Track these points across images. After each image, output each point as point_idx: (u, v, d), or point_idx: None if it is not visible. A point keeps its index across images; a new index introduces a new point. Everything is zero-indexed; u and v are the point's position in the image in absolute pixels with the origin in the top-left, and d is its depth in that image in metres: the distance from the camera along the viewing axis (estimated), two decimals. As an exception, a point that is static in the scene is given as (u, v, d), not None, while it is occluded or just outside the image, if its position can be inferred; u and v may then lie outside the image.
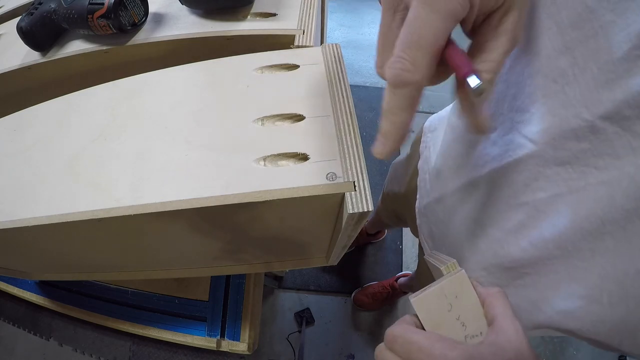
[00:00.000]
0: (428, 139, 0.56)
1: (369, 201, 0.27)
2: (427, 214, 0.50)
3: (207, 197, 0.28)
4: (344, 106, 0.32)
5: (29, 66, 0.45)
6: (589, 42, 0.20)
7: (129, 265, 0.54)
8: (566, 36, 0.22)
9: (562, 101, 0.22)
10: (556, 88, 0.23)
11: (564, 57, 0.22)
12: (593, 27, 0.20)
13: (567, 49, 0.22)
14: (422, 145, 0.58)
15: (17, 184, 0.33)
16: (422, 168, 0.54)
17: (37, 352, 1.11)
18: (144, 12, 0.44)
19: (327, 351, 1.18)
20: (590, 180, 0.22)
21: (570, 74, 0.21)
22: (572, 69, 0.21)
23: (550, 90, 0.23)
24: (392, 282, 1.20)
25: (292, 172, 0.29)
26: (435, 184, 0.46)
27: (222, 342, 0.73)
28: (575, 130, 0.22)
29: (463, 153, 0.37)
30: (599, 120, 0.20)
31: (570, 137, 0.22)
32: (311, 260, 0.52)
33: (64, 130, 0.35)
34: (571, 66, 0.21)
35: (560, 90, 0.22)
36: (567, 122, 0.22)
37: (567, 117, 0.22)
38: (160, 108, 0.34)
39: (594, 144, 0.21)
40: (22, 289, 0.88)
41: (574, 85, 0.21)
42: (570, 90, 0.22)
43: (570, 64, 0.21)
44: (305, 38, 0.40)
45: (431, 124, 0.57)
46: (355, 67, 1.76)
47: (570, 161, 0.23)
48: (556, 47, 0.22)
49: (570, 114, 0.22)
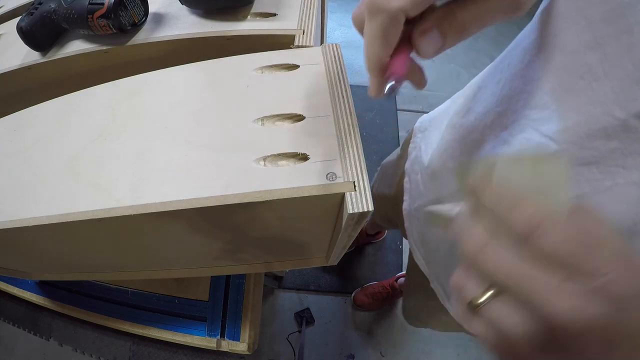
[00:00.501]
0: (418, 139, 0.54)
1: (369, 201, 0.27)
2: (420, 216, 0.49)
3: (207, 197, 0.28)
4: (344, 106, 0.32)
5: (29, 66, 0.45)
6: (622, 38, 0.19)
7: (129, 265, 0.54)
8: (597, 32, 0.21)
9: (590, 98, 0.21)
10: (582, 84, 0.22)
11: (592, 52, 0.21)
12: (628, 23, 0.19)
13: (598, 44, 0.21)
14: (411, 145, 0.56)
15: (17, 184, 0.33)
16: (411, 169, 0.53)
17: (37, 352, 1.11)
18: (144, 12, 0.44)
19: (327, 351, 1.18)
20: (618, 180, 0.21)
21: (600, 70, 0.21)
22: (602, 65, 0.20)
23: (576, 87, 0.22)
24: (392, 282, 1.20)
25: (292, 172, 0.29)
26: (431, 185, 0.44)
27: (222, 342, 0.73)
28: (605, 129, 0.21)
29: (466, 153, 0.36)
30: (632, 119, 0.19)
31: (600, 135, 0.21)
32: (311, 260, 0.52)
33: (64, 130, 0.35)
34: (601, 62, 0.21)
35: (587, 87, 0.21)
36: (596, 120, 0.21)
37: (596, 115, 0.21)
38: (160, 108, 0.34)
39: (625, 142, 0.20)
40: (22, 289, 0.88)
41: (604, 81, 0.20)
42: (599, 87, 0.21)
43: (600, 59, 0.21)
44: (305, 38, 0.40)
45: (422, 124, 0.56)
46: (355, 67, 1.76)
47: (597, 161, 0.22)
48: (584, 43, 0.21)
49: (600, 112, 0.21)
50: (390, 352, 1.18)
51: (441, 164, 0.41)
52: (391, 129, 1.57)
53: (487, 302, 0.19)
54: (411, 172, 0.53)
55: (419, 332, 1.20)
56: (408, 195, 0.54)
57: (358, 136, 0.30)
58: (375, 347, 1.19)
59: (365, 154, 0.29)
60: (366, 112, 1.61)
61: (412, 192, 0.51)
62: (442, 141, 0.43)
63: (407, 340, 1.20)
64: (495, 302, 0.18)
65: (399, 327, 1.21)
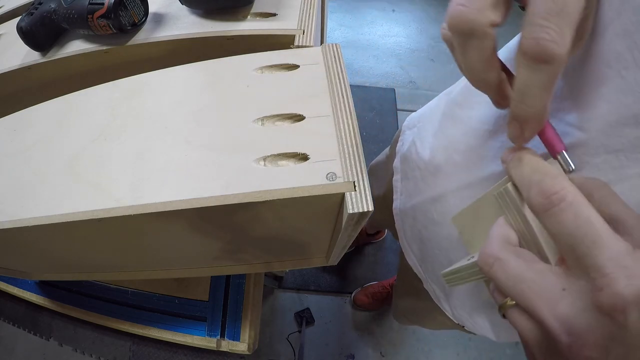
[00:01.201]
0: (407, 136, 0.54)
1: (369, 201, 0.27)
2: (416, 215, 0.48)
3: (207, 197, 0.28)
4: (344, 106, 0.32)
5: (29, 66, 0.45)
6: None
7: (129, 265, 0.54)
8: (626, 19, 0.21)
9: (619, 86, 0.21)
10: (611, 73, 0.22)
11: (621, 40, 0.21)
12: None
13: (626, 32, 0.21)
14: (399, 144, 0.56)
15: (17, 184, 0.33)
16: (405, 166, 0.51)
17: (37, 352, 1.11)
18: (144, 12, 0.44)
19: (327, 351, 1.18)
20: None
21: (630, 57, 0.20)
22: (632, 52, 0.20)
23: (603, 75, 0.22)
24: (392, 282, 1.20)
25: (292, 172, 0.29)
26: (432, 181, 0.43)
27: (222, 342, 0.73)
28: (636, 116, 0.21)
29: (476, 146, 0.35)
30: None
31: (630, 123, 0.21)
32: (311, 260, 0.52)
33: (64, 130, 0.35)
34: (630, 50, 0.20)
35: (617, 75, 0.21)
36: (627, 108, 0.21)
37: (627, 103, 0.21)
38: (160, 108, 0.34)
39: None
40: (22, 289, 0.89)
41: (634, 69, 0.20)
42: (629, 75, 0.21)
43: (629, 47, 0.20)
44: (305, 38, 0.40)
45: (410, 121, 0.55)
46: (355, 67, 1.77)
47: (624, 148, 0.22)
48: (612, 30, 0.21)
49: (631, 100, 0.21)
50: (390, 352, 1.18)
51: (446, 158, 0.40)
52: (391, 129, 1.57)
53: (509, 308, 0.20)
54: (406, 169, 0.51)
55: (419, 332, 1.20)
56: (400, 193, 0.53)
57: (358, 136, 0.30)
58: (375, 347, 1.19)
59: (365, 154, 0.29)
60: (366, 112, 1.61)
61: (408, 189, 0.50)
62: (442, 134, 0.42)
63: (407, 340, 1.20)
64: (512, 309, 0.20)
65: (399, 327, 1.21)
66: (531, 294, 0.19)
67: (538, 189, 0.19)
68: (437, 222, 0.43)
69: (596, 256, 0.17)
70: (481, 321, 0.44)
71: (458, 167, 0.38)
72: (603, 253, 0.17)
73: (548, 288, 0.18)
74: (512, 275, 0.19)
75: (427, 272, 0.50)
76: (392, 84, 1.72)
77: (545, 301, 0.18)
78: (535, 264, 0.20)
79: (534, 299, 0.18)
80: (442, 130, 0.42)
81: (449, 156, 0.39)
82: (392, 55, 1.83)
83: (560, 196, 0.18)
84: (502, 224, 0.23)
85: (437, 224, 0.43)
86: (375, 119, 1.60)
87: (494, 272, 0.20)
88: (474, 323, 0.46)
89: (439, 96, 0.49)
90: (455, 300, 0.46)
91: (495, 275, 0.20)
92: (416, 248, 0.50)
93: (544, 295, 0.18)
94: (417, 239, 0.49)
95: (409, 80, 1.75)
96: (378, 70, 1.77)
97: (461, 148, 0.37)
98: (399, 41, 1.88)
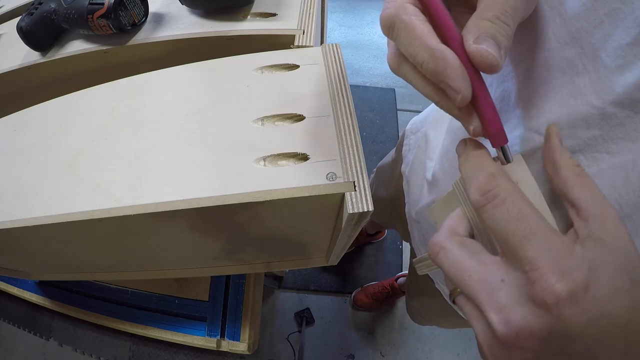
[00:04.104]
0: (411, 141, 0.55)
1: (369, 201, 0.27)
2: (420, 220, 0.49)
3: (207, 197, 0.28)
4: (344, 106, 0.32)
5: (29, 66, 0.45)
6: (595, 31, 0.20)
7: (128, 265, 0.54)
8: (571, 27, 0.22)
9: (571, 91, 0.22)
10: (564, 79, 0.22)
11: (570, 48, 0.22)
12: (598, 16, 0.20)
13: (573, 39, 0.21)
14: (404, 148, 0.57)
15: (17, 184, 0.33)
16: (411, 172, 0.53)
17: (37, 352, 1.11)
18: (144, 12, 0.44)
19: (327, 351, 1.18)
20: (602, 165, 0.22)
21: (580, 64, 0.21)
22: (581, 59, 0.21)
23: (558, 82, 0.23)
24: (392, 282, 1.20)
25: (292, 172, 0.29)
26: (431, 188, 0.45)
27: (222, 342, 0.73)
28: (585, 118, 0.21)
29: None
30: (609, 106, 0.20)
31: (580, 125, 0.22)
32: (311, 260, 0.52)
33: (64, 130, 0.35)
34: (579, 56, 0.21)
35: (569, 81, 0.22)
36: (576, 110, 0.22)
37: (576, 106, 0.22)
38: (160, 108, 0.34)
39: (605, 129, 0.21)
40: (22, 289, 0.88)
41: (584, 75, 0.21)
42: (580, 80, 0.21)
43: (578, 54, 0.21)
44: (305, 38, 0.40)
45: (413, 125, 0.56)
46: (355, 67, 1.76)
47: (582, 149, 0.22)
48: (561, 39, 0.22)
49: (579, 103, 0.22)
50: (390, 352, 1.18)
51: (440, 166, 0.42)
52: (391, 129, 1.57)
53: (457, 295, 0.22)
54: (411, 176, 0.53)
55: (418, 332, 1.20)
56: (408, 198, 0.54)
57: (358, 136, 0.30)
58: (375, 347, 1.19)
59: (365, 154, 0.29)
60: (366, 112, 1.61)
61: (413, 195, 0.51)
62: (438, 142, 0.43)
63: (407, 340, 1.20)
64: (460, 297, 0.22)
65: (399, 327, 1.21)
66: (472, 282, 0.19)
67: (476, 186, 0.20)
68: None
69: (526, 250, 0.17)
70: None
71: (447, 174, 0.39)
72: (534, 248, 0.17)
73: (488, 278, 0.19)
74: (454, 263, 0.21)
75: (436, 274, 0.50)
76: (392, 84, 1.72)
77: (485, 291, 0.19)
78: (480, 255, 0.20)
79: (474, 287, 0.19)
80: (437, 139, 0.43)
81: (442, 165, 0.41)
82: (392, 55, 1.83)
83: (493, 193, 0.19)
84: (455, 215, 0.24)
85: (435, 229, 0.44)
86: (375, 119, 1.60)
87: (439, 259, 0.22)
88: None
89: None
90: None
91: (439, 262, 0.22)
92: (424, 251, 0.51)
93: (483, 285, 0.19)
94: (423, 243, 0.50)
95: (409, 80, 1.75)
96: (378, 70, 1.77)
97: (450, 156, 0.39)
98: (399, 41, 1.88)
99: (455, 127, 0.39)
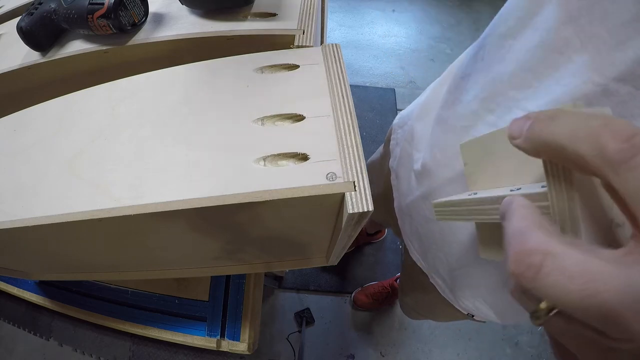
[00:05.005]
0: (398, 135, 0.55)
1: (369, 201, 0.27)
2: (411, 213, 0.49)
3: (207, 197, 0.28)
4: (344, 106, 0.32)
5: (29, 66, 0.45)
6: (594, 9, 0.20)
7: (129, 265, 0.54)
8: (570, 6, 0.22)
9: (570, 70, 0.22)
10: (562, 59, 0.22)
11: (568, 27, 0.22)
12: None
13: (571, 18, 0.21)
14: (392, 142, 0.57)
15: (17, 184, 0.33)
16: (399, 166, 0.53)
17: (37, 352, 1.11)
18: (144, 12, 0.44)
19: (327, 351, 1.18)
20: None
21: (577, 42, 0.21)
22: (579, 37, 0.21)
23: (556, 62, 0.23)
24: (391, 282, 1.20)
25: (292, 172, 0.29)
26: (421, 179, 0.45)
27: (222, 342, 0.73)
28: (587, 96, 0.21)
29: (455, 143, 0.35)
30: (612, 82, 0.20)
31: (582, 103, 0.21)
32: (311, 260, 0.52)
33: (64, 130, 0.35)
34: (577, 34, 0.21)
35: (568, 60, 0.22)
36: (578, 89, 0.22)
37: (577, 85, 0.22)
38: (160, 108, 0.34)
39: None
40: (22, 289, 0.88)
41: (582, 53, 0.21)
42: (579, 58, 0.21)
43: (576, 32, 0.21)
44: (305, 38, 0.40)
45: (400, 120, 0.56)
46: (355, 67, 1.76)
47: None
48: (559, 19, 0.22)
49: (580, 81, 0.21)
50: (390, 352, 1.18)
51: (431, 156, 0.41)
52: (391, 129, 1.57)
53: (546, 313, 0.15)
54: (398, 169, 0.53)
55: (418, 332, 1.20)
56: (397, 192, 0.54)
57: (358, 136, 0.30)
58: (375, 347, 1.19)
59: (365, 154, 0.29)
60: (366, 112, 1.61)
61: (403, 188, 0.51)
62: (432, 136, 0.43)
63: (407, 340, 1.20)
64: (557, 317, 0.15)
65: (399, 327, 1.21)
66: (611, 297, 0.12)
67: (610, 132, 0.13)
68: (430, 219, 0.44)
69: None
70: (485, 309, 0.45)
71: (440, 165, 0.39)
72: None
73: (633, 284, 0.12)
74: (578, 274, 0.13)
75: (430, 267, 0.50)
76: (392, 84, 1.72)
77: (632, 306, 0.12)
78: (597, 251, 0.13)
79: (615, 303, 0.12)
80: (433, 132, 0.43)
81: (433, 154, 0.41)
82: (392, 55, 1.83)
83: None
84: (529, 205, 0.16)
85: (430, 221, 0.44)
86: (375, 119, 1.60)
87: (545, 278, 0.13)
88: (479, 311, 0.47)
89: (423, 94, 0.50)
90: (459, 292, 0.46)
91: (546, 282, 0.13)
92: (417, 245, 0.51)
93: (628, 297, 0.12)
94: (416, 236, 0.50)
95: (409, 80, 1.75)
96: (378, 70, 1.77)
97: (442, 145, 0.39)
98: (399, 41, 1.88)
99: (445, 117, 0.39)
